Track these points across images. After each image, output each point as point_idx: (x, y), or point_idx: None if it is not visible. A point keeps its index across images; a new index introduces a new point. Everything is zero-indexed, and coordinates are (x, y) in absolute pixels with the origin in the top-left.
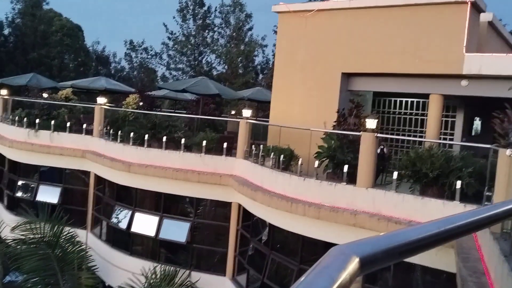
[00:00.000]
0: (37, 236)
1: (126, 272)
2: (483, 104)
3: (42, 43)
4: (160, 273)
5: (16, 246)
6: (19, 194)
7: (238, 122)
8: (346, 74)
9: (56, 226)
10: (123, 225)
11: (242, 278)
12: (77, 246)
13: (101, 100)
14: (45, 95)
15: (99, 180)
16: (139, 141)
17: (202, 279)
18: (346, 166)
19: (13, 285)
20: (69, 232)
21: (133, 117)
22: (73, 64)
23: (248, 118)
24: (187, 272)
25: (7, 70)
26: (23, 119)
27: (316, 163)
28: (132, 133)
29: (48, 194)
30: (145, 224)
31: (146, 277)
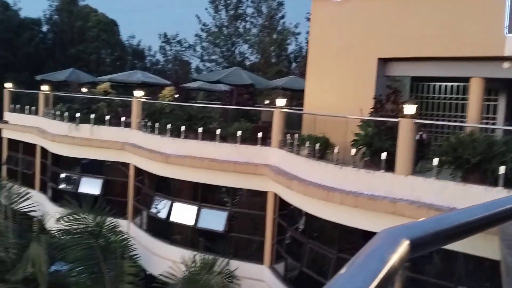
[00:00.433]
0: (81, 227)
1: (167, 261)
2: None
3: (80, 39)
4: (200, 262)
5: (61, 237)
6: (62, 186)
7: (272, 112)
8: (383, 59)
9: (99, 217)
10: (163, 215)
11: (280, 266)
12: (119, 236)
13: (138, 93)
14: (84, 90)
15: (139, 172)
16: (176, 133)
17: (241, 267)
18: (384, 154)
19: (59, 274)
20: (111, 222)
21: (170, 109)
22: (110, 59)
23: (282, 108)
24: (226, 261)
25: (47, 66)
26: (64, 114)
27: (353, 151)
28: (169, 125)
29: (90, 186)
30: (184, 214)
31: (186, 265)
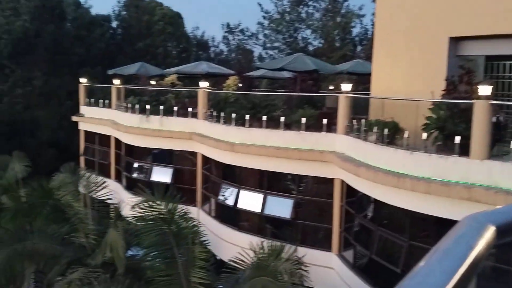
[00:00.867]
0: (154, 213)
1: (235, 247)
2: None
3: (147, 33)
4: (267, 248)
5: (136, 223)
6: (135, 175)
7: (337, 97)
8: (454, 38)
9: (171, 204)
10: (230, 202)
11: (349, 254)
12: (190, 222)
13: (204, 84)
14: (153, 82)
15: (206, 160)
16: (241, 122)
17: (308, 254)
18: (458, 138)
19: (135, 259)
20: (182, 209)
21: (234, 99)
22: (176, 51)
23: (348, 92)
24: (293, 247)
25: (118, 61)
26: (135, 106)
27: (424, 136)
28: (234, 114)
29: (161, 174)
30: (250, 201)
31: (254, 252)
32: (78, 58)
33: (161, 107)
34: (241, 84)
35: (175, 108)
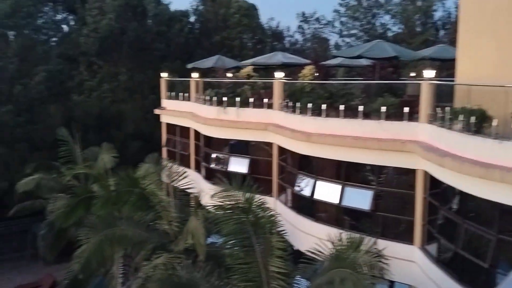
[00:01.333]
0: (232, 203)
1: (312, 237)
2: None
3: (223, 26)
4: (346, 240)
5: (215, 212)
6: (213, 165)
7: (419, 85)
8: None
9: (248, 194)
10: (307, 193)
11: (432, 248)
12: (267, 212)
13: (279, 75)
14: (230, 75)
15: (282, 151)
16: (317, 111)
17: (389, 247)
18: None
19: (215, 246)
20: (259, 199)
21: (310, 88)
22: (251, 43)
23: (431, 79)
24: (373, 240)
25: (196, 55)
26: (213, 98)
27: None
28: (310, 104)
29: (238, 165)
30: (328, 192)
31: (332, 243)
32: (159, 54)
33: (237, 99)
34: (317, 74)
35: (251, 100)
